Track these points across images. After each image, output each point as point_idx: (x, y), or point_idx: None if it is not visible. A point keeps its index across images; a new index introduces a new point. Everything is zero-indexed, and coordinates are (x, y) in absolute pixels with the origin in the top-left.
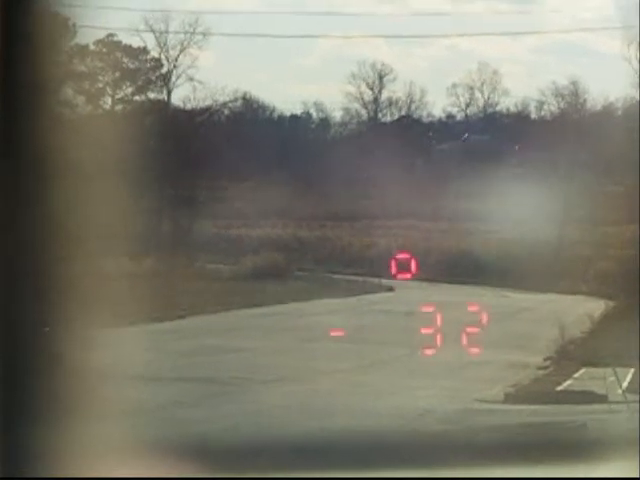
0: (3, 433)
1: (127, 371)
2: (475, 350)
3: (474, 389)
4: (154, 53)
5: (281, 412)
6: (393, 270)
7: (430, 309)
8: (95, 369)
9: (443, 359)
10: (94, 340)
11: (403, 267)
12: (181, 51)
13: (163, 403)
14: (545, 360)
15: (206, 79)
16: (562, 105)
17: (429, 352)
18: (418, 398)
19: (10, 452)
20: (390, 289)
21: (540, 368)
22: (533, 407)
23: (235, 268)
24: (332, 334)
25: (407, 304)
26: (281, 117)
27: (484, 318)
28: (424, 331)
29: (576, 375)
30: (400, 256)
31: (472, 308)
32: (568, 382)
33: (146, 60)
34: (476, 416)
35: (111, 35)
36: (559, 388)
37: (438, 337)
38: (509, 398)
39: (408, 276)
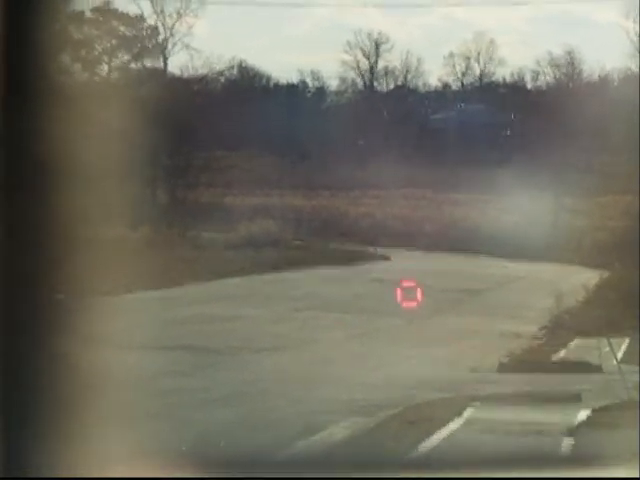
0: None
1: (122, 339)
2: (469, 319)
3: (469, 359)
4: (150, 21)
5: (275, 382)
6: (399, 298)
7: (426, 278)
8: (89, 337)
9: (438, 328)
10: (89, 308)
11: (409, 295)
12: (177, 19)
13: (157, 372)
14: (540, 329)
15: (202, 47)
16: (558, 75)
17: (423, 321)
18: (413, 368)
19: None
20: (386, 258)
21: (535, 338)
22: (528, 376)
23: (230, 236)
24: (331, 303)
25: (403, 273)
26: (277, 85)
27: (478, 286)
28: (419, 300)
29: (571, 345)
30: (406, 284)
31: (464, 276)
32: (563, 352)
33: (142, 28)
34: (471, 385)
35: (108, 2)
36: (554, 358)
37: (432, 306)
38: (504, 367)
39: (414, 305)
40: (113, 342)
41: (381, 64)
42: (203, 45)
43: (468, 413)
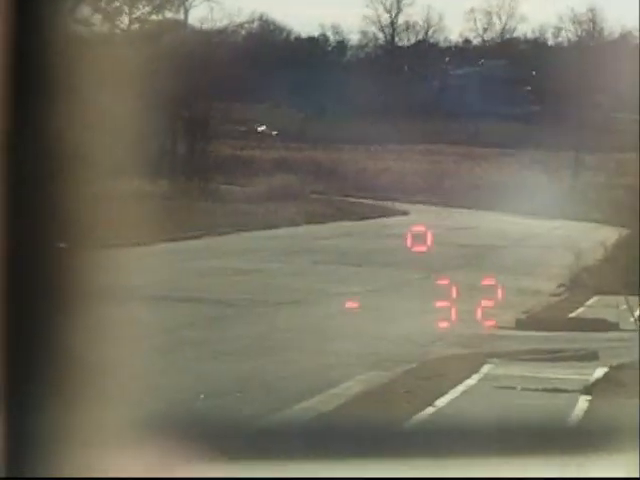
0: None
1: (141, 291)
2: (488, 275)
3: (486, 314)
4: None
5: (291, 335)
6: (409, 243)
7: (443, 234)
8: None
9: (456, 283)
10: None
11: (419, 240)
12: None
13: (174, 325)
14: (558, 287)
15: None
16: (579, 32)
17: (441, 276)
18: (430, 322)
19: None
20: (405, 213)
21: (552, 295)
22: (545, 334)
23: (249, 190)
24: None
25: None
26: (298, 39)
27: (496, 242)
28: (436, 255)
29: (589, 303)
30: (416, 229)
31: (483, 232)
32: (580, 310)
33: None
34: (488, 341)
35: None
36: (571, 315)
37: (450, 262)
38: (521, 324)
39: (424, 249)
40: (130, 295)
41: (402, 19)
42: None
43: (485, 369)
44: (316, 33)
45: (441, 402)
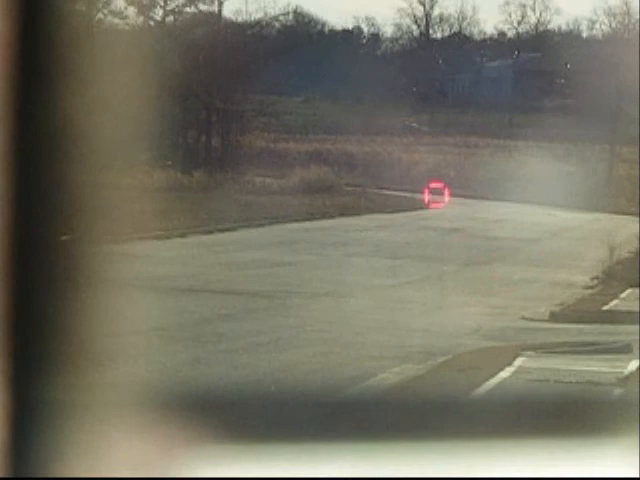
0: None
1: (177, 283)
2: (521, 268)
3: (520, 307)
4: None
5: (325, 327)
6: (426, 199)
7: (477, 226)
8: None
9: (490, 276)
10: (143, 252)
11: (436, 196)
12: None
13: (208, 316)
14: (592, 280)
15: None
16: (614, 24)
17: (474, 269)
18: (464, 315)
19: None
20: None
21: (586, 287)
22: (579, 326)
23: (283, 182)
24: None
25: (455, 221)
26: (332, 31)
27: (530, 235)
28: (470, 248)
29: (623, 295)
30: (433, 185)
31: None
32: (614, 302)
33: None
34: (522, 334)
35: None
36: (605, 308)
37: (484, 255)
38: (555, 317)
39: (441, 206)
40: (164, 286)
41: (436, 11)
42: None
43: (519, 362)
44: (350, 25)
45: (474, 394)
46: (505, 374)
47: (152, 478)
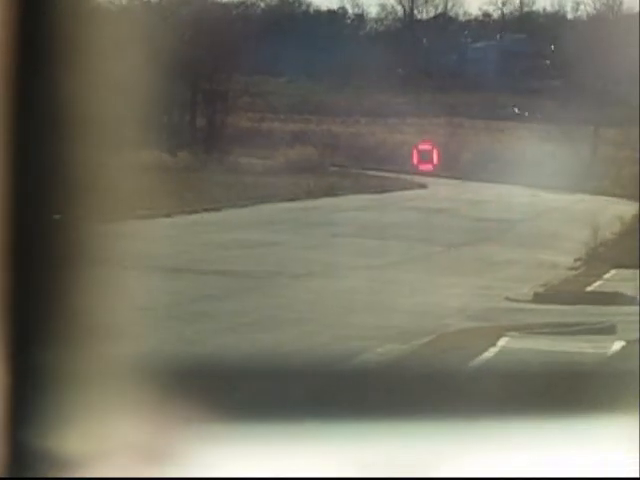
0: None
1: (160, 262)
2: (505, 249)
3: (504, 288)
4: None
5: (310, 307)
6: (415, 160)
7: (462, 207)
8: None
9: (474, 257)
10: (125, 232)
11: (425, 158)
12: None
13: (192, 296)
14: (575, 261)
15: None
16: (599, 6)
17: (459, 249)
18: (448, 296)
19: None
20: (423, 186)
21: (570, 268)
22: (562, 307)
23: (268, 162)
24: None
25: (439, 201)
26: (317, 12)
27: (514, 216)
28: (455, 229)
29: (606, 276)
30: (422, 146)
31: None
32: (598, 283)
33: None
34: (506, 315)
35: None
36: (589, 289)
37: (469, 236)
38: (538, 298)
39: (430, 167)
40: (149, 266)
41: None
42: None
43: (502, 342)
44: (335, 6)
45: (457, 374)
46: (489, 354)
47: (152, 478)
